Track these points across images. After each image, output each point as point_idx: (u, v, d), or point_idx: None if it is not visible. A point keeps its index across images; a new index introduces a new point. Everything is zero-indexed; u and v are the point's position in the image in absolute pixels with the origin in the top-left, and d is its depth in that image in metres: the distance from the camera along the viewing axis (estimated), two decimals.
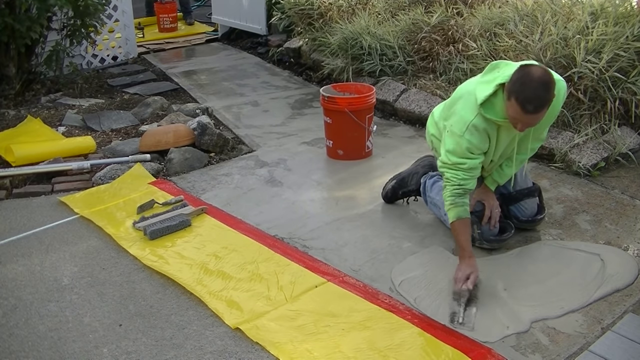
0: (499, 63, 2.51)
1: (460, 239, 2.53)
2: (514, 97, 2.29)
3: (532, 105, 2.27)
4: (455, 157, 2.54)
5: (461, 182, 2.53)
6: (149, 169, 3.65)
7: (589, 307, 2.38)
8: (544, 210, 2.93)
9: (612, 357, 2.10)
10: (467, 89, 2.57)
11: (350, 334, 2.27)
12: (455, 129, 2.52)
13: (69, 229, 3.07)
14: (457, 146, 2.52)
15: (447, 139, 2.58)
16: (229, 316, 2.38)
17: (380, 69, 4.71)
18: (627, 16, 3.82)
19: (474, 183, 2.58)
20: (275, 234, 2.98)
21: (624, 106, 3.68)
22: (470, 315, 2.33)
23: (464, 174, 2.54)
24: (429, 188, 3.01)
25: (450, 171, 2.56)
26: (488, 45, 4.26)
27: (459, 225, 2.54)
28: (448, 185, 2.57)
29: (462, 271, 2.45)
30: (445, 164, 2.58)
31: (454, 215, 2.54)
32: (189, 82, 5.58)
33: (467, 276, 2.43)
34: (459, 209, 2.53)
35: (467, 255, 2.50)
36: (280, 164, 3.78)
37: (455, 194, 2.54)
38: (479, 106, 2.44)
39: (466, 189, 2.55)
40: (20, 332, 2.34)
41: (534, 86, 2.26)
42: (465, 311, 2.34)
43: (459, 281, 2.43)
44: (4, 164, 3.76)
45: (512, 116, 2.35)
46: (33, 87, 5.10)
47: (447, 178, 2.58)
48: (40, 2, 4.59)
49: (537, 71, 2.28)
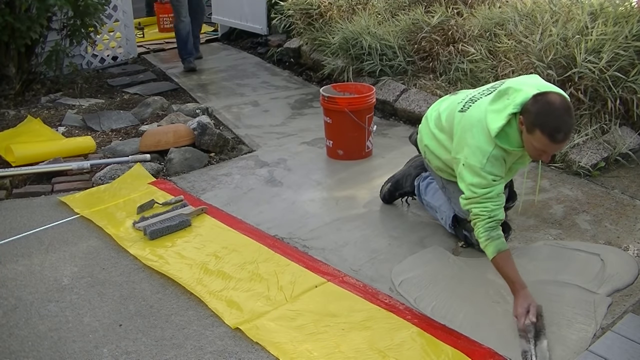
0: (508, 88, 2.39)
1: (507, 272, 2.35)
2: (539, 130, 2.21)
3: (561, 133, 2.20)
4: (480, 188, 2.40)
5: (491, 214, 2.39)
6: (149, 169, 3.65)
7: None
8: (515, 197, 2.97)
9: (612, 357, 2.10)
10: (478, 117, 2.44)
11: (350, 334, 2.27)
12: (474, 162, 2.40)
13: (69, 229, 3.07)
14: (480, 179, 2.39)
15: (467, 174, 2.44)
16: (228, 316, 2.38)
17: (380, 69, 4.71)
18: (627, 16, 3.82)
19: (503, 212, 2.43)
20: (275, 234, 2.98)
21: (624, 106, 3.69)
22: (543, 349, 2.16)
23: (492, 204, 2.40)
24: (424, 191, 3.00)
25: (478, 206, 2.41)
26: (488, 45, 4.26)
27: (501, 259, 2.36)
28: (479, 221, 2.40)
29: (521, 305, 2.28)
30: (471, 199, 2.43)
31: (493, 250, 2.36)
32: (189, 82, 5.59)
33: (527, 309, 2.26)
34: (496, 243, 2.37)
35: (520, 288, 2.32)
36: (280, 164, 3.78)
37: (488, 229, 2.38)
38: (493, 138, 2.36)
39: (498, 219, 2.40)
40: (20, 332, 2.34)
41: (558, 114, 2.20)
42: (536, 347, 2.16)
43: (520, 316, 2.25)
44: (4, 164, 3.77)
45: (537, 148, 2.27)
46: (33, 87, 5.11)
47: (476, 214, 2.42)
48: (39, 2, 4.59)
49: (556, 99, 2.22)
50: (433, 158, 2.75)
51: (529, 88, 2.33)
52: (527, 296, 2.30)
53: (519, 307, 2.28)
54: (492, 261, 2.39)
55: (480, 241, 2.42)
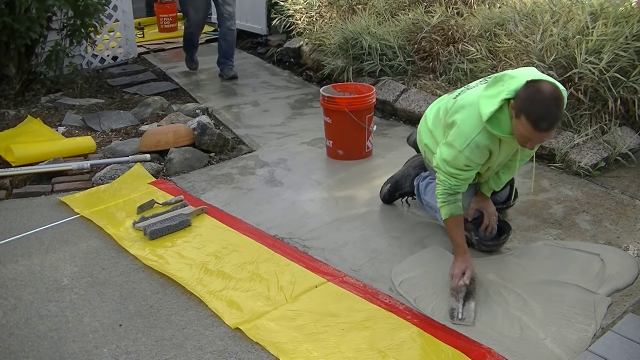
0: (504, 75, 2.41)
1: (454, 235, 2.54)
2: (524, 115, 2.23)
3: (545, 122, 2.20)
4: (450, 168, 2.50)
5: (453, 186, 2.52)
6: (149, 169, 3.65)
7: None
8: (515, 196, 3.00)
9: (612, 357, 2.10)
10: (470, 100, 2.48)
11: (350, 334, 2.27)
12: (456, 143, 2.45)
13: (69, 229, 3.07)
14: (454, 159, 2.47)
15: (445, 148, 2.51)
16: (228, 316, 2.38)
17: (380, 69, 4.71)
18: (627, 16, 3.82)
19: (465, 187, 2.56)
20: (275, 234, 2.98)
21: (624, 106, 3.69)
22: (470, 310, 2.34)
23: (456, 182, 2.52)
24: (423, 191, 3.01)
25: (444, 176, 2.54)
26: (488, 45, 4.26)
27: (452, 222, 2.54)
28: (440, 185, 2.55)
29: (458, 267, 2.47)
30: (439, 169, 2.55)
31: (447, 212, 2.53)
32: (189, 82, 5.59)
33: (463, 271, 2.45)
34: (451, 207, 2.53)
35: (462, 252, 2.51)
36: (280, 164, 3.78)
37: (446, 193, 2.54)
38: (484, 122, 2.37)
39: (457, 191, 2.54)
40: (20, 332, 2.34)
41: (545, 103, 2.20)
42: (464, 306, 2.35)
43: (455, 277, 2.45)
44: (4, 164, 3.76)
45: (523, 134, 2.29)
46: (33, 87, 5.11)
47: (439, 179, 2.56)
48: (39, 2, 4.59)
49: (547, 87, 2.22)
50: (432, 157, 2.76)
51: (525, 77, 2.33)
52: (466, 260, 2.49)
53: (456, 268, 2.48)
54: (444, 222, 2.58)
55: (437, 202, 2.58)
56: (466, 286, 2.42)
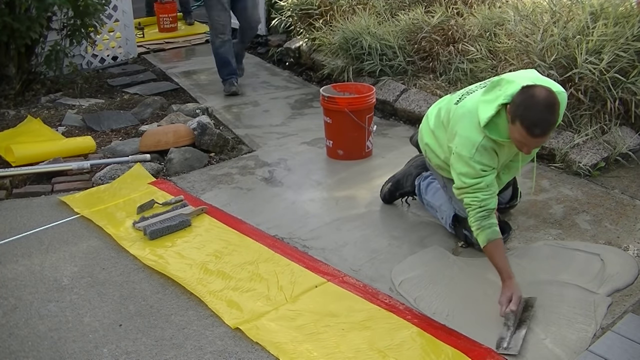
0: (501, 80, 2.41)
1: (495, 261, 2.39)
2: (518, 121, 2.23)
3: (538, 128, 2.21)
4: (470, 178, 2.44)
5: (482, 203, 2.42)
6: (149, 169, 3.65)
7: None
8: (519, 195, 2.98)
9: (612, 357, 2.10)
10: (469, 108, 2.48)
11: (350, 334, 2.27)
12: (464, 152, 2.43)
13: (69, 229, 3.07)
14: (469, 168, 2.43)
15: (457, 163, 2.48)
16: (229, 316, 2.38)
17: (380, 69, 4.71)
18: (627, 16, 3.82)
19: (495, 201, 2.45)
20: (275, 234, 2.98)
21: (624, 106, 3.68)
22: (518, 338, 2.19)
23: (483, 194, 2.43)
24: (424, 190, 3.00)
25: (469, 196, 2.45)
26: (488, 45, 4.26)
27: (491, 248, 2.40)
28: (470, 210, 2.45)
29: (504, 295, 2.32)
30: (462, 189, 2.47)
31: (484, 239, 2.40)
32: (189, 82, 5.58)
33: (509, 298, 2.29)
34: (487, 232, 2.40)
35: (506, 277, 2.35)
36: (280, 164, 3.78)
37: (479, 218, 2.42)
38: (482, 128, 2.37)
39: (489, 209, 2.43)
40: (20, 332, 2.34)
41: (539, 109, 2.20)
42: (513, 334, 2.21)
43: (502, 304, 2.30)
44: (4, 164, 3.76)
45: (518, 139, 2.29)
46: (33, 87, 5.10)
47: (467, 204, 2.46)
48: (38, 2, 4.59)
49: (541, 93, 2.22)
50: (433, 156, 2.76)
51: (522, 80, 2.33)
52: (511, 286, 2.33)
53: (502, 295, 2.33)
54: (484, 249, 2.44)
55: (472, 230, 2.46)
56: (513, 313, 2.26)
